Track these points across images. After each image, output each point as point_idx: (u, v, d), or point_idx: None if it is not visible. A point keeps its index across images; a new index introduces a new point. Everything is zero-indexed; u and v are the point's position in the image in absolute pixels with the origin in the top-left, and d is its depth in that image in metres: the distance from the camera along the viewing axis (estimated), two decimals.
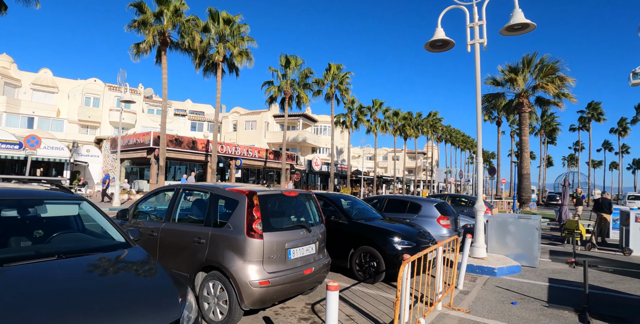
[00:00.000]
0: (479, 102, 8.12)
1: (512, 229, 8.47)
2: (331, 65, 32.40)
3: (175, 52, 23.20)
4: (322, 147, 49.87)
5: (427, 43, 8.61)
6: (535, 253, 8.30)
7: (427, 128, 52.79)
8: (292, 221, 4.86)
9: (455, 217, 9.04)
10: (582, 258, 9.71)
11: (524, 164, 22.57)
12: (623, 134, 55.78)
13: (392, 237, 6.17)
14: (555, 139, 65.80)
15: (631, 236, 10.69)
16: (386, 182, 60.63)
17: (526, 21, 7.60)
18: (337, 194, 7.78)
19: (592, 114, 46.71)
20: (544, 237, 13.59)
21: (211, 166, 24.94)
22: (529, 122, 23.49)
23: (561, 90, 21.58)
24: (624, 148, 73.57)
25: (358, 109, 38.85)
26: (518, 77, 21.75)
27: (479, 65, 8.20)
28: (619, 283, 7.19)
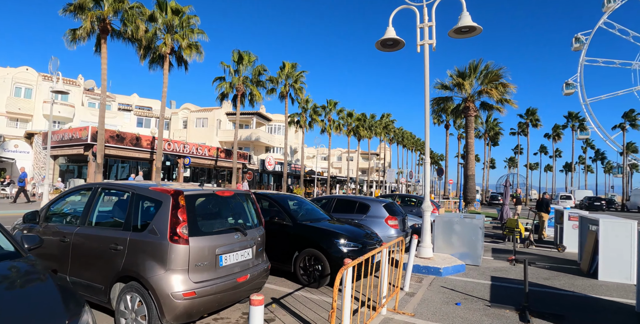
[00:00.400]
0: (427, 102, 8.12)
1: (458, 229, 8.56)
2: (285, 64, 31.97)
3: (117, 41, 21.62)
4: (276, 146, 49.20)
5: (378, 42, 8.50)
6: (479, 252, 8.44)
7: (380, 130, 53.87)
8: (226, 224, 4.40)
9: (403, 217, 9.00)
10: (521, 256, 10.08)
11: (470, 166, 23.55)
12: (557, 139, 60.43)
13: (337, 239, 5.89)
14: (498, 143, 70.04)
15: (565, 233, 11.30)
16: (340, 182, 61.11)
17: (473, 24, 7.68)
18: (283, 194, 7.40)
19: (530, 119, 50.09)
20: (487, 235, 14.09)
21: (156, 164, 23.54)
22: (474, 125, 24.58)
23: (503, 96, 22.78)
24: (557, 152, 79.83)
25: (312, 108, 38.71)
26: (465, 82, 22.68)
27: (428, 66, 8.20)
28: (555, 280, 7.45)
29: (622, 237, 7.36)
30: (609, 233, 7.43)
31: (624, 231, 7.38)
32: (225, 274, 3.97)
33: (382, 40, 8.45)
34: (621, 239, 7.37)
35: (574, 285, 7.05)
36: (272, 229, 6.38)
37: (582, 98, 64.23)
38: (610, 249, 7.43)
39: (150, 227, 3.78)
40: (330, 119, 41.70)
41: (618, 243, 7.38)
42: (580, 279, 7.54)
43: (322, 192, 49.78)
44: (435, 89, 24.08)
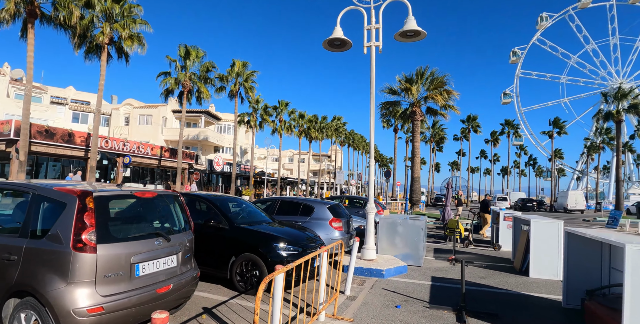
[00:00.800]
0: (373, 103, 8.11)
1: (401, 230, 8.61)
2: (236, 62, 31.11)
3: (48, 27, 19.71)
4: (225, 146, 47.80)
5: (325, 41, 8.37)
6: (421, 252, 8.55)
7: (331, 132, 54.29)
8: (146, 229, 3.94)
9: (348, 219, 8.91)
10: (460, 255, 10.40)
11: (415, 169, 24.32)
12: (495, 144, 64.51)
13: (276, 243, 5.60)
14: (442, 147, 73.50)
15: (500, 233, 11.87)
16: (291, 184, 60.76)
17: (417, 29, 7.78)
18: (220, 196, 6.99)
19: (472, 125, 53.06)
20: (430, 236, 14.50)
21: (91, 163, 21.76)
22: (420, 130, 25.43)
23: (447, 102, 23.82)
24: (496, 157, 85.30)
25: (263, 108, 38.04)
26: (412, 87, 23.40)
27: (374, 68, 8.19)
28: (490, 278, 7.70)
29: (550, 237, 7.79)
30: (539, 233, 7.82)
31: (552, 230, 7.80)
32: (143, 285, 3.54)
33: (330, 40, 8.32)
34: (549, 238, 7.79)
35: (507, 283, 7.31)
36: (207, 233, 5.95)
37: (518, 107, 69.46)
38: (540, 247, 7.83)
39: (51, 234, 3.26)
40: (282, 119, 41.29)
41: (547, 242, 7.79)
42: (514, 277, 7.86)
43: (272, 193, 49.14)
44: (384, 93, 24.69)
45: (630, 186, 66.68)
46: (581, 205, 42.91)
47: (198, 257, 5.83)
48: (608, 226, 25.30)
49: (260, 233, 5.80)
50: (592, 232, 5.21)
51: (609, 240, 4.45)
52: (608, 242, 4.51)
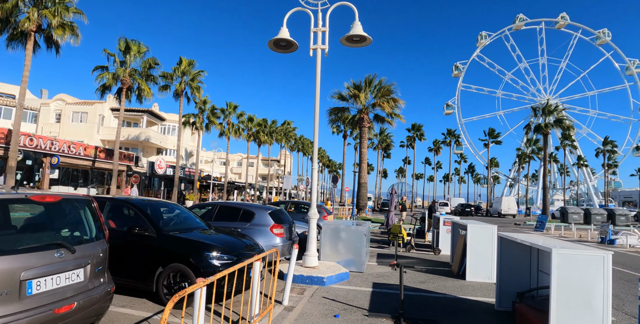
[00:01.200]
0: (317, 106, 7.97)
1: (344, 236, 8.50)
2: (182, 60, 29.76)
3: None
4: (169, 148, 45.52)
5: (271, 41, 8.12)
6: (363, 258, 8.49)
7: (280, 136, 53.87)
8: (43, 239, 3.39)
9: (290, 225, 8.64)
10: (402, 260, 10.53)
11: (362, 174, 24.68)
12: (437, 152, 67.80)
13: (209, 252, 5.19)
14: (390, 154, 75.87)
15: (440, 237, 12.21)
16: (238, 188, 59.28)
17: (363, 34, 7.79)
18: (149, 200, 6.41)
19: (416, 134, 55.32)
20: (375, 241, 14.63)
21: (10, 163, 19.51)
22: (368, 136, 25.95)
23: (394, 110, 24.54)
24: (438, 164, 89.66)
25: (210, 110, 36.71)
26: (360, 94, 23.81)
27: (320, 70, 8.07)
28: (430, 282, 7.80)
29: (485, 241, 8.06)
30: (475, 237, 8.08)
31: (487, 235, 8.09)
32: (37, 306, 3.01)
33: (275, 40, 8.09)
34: (484, 242, 8.06)
35: (445, 287, 7.44)
36: (131, 241, 5.39)
37: (459, 118, 73.71)
38: (476, 251, 8.08)
39: None
40: (230, 122, 40.16)
41: (482, 246, 8.06)
42: (451, 281, 8.03)
43: (219, 198, 47.53)
44: (334, 99, 24.88)
45: (554, 192, 73.06)
46: (513, 210, 46.16)
47: (120, 268, 5.27)
48: (536, 229, 27.38)
49: (191, 241, 5.34)
50: (522, 237, 5.39)
51: (537, 245, 4.58)
52: (536, 246, 4.65)
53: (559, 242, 5.11)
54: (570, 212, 36.62)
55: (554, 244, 4.57)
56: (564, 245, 4.57)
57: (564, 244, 4.86)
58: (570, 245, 4.67)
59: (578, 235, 22.76)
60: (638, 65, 71.01)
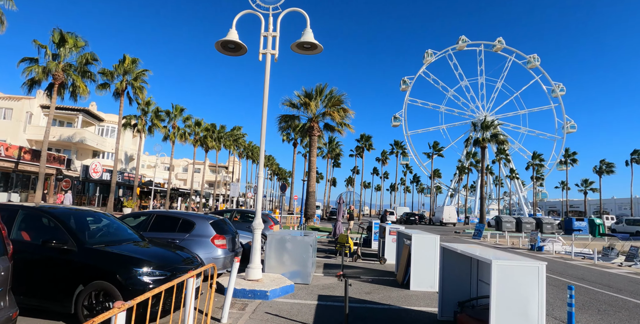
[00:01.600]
0: (265, 111, 7.73)
1: (290, 247, 8.25)
2: (126, 57, 28.01)
3: None
4: (107, 151, 42.49)
5: (218, 43, 7.78)
6: (309, 270, 8.28)
7: (229, 142, 52.53)
8: None
9: (233, 236, 8.23)
10: (349, 270, 10.46)
11: (311, 183, 24.59)
12: (385, 162, 69.85)
13: (138, 267, 4.69)
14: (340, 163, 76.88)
15: (386, 246, 12.35)
16: (183, 195, 56.72)
17: (314, 41, 7.72)
18: (71, 209, 5.74)
19: (365, 144, 56.63)
20: (322, 250, 14.50)
21: None
22: (317, 145, 26.02)
23: (344, 120, 24.86)
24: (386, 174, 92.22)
25: (154, 112, 34.83)
26: (312, 102, 23.87)
27: (269, 76, 7.86)
28: (375, 293, 7.75)
29: (428, 251, 8.21)
30: (419, 247, 8.20)
31: (430, 244, 8.25)
32: None
33: (223, 42, 7.76)
34: (428, 252, 8.21)
35: (390, 297, 7.43)
36: (47, 256, 4.75)
37: (405, 130, 76.79)
38: (420, 261, 8.20)
39: None
40: (176, 126, 38.36)
41: (425, 255, 8.19)
42: (396, 291, 8.06)
43: (161, 205, 45.05)
44: (284, 106, 24.68)
45: (490, 202, 78.10)
46: (454, 219, 48.57)
47: (33, 288, 4.62)
48: (474, 237, 28.92)
49: (118, 255, 4.81)
50: (463, 247, 5.49)
51: (477, 256, 4.65)
52: (476, 258, 4.73)
53: (497, 252, 5.27)
54: (504, 221, 39.21)
55: (493, 255, 4.67)
56: (501, 256, 4.70)
57: (501, 254, 5.01)
58: (508, 256, 4.81)
59: (511, 242, 24.34)
60: (562, 88, 78.83)
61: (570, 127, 76.68)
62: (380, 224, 13.82)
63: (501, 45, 79.65)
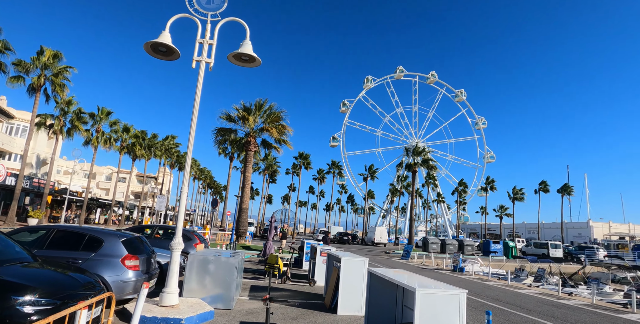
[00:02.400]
0: (195, 121, 7.26)
1: (212, 268, 7.66)
2: (46, 50, 25.34)
3: None
4: (15, 153, 37.79)
5: (148, 44, 7.24)
6: (232, 294, 7.73)
7: (161, 152, 49.62)
8: None
9: (149, 256, 7.46)
10: (277, 293, 10.01)
11: (245, 199, 23.77)
12: (322, 181, 70.52)
13: (19, 295, 3.92)
14: (276, 179, 76.14)
15: (316, 268, 12.10)
16: (103, 206, 51.91)
17: (252, 54, 7.53)
18: None
19: (303, 162, 56.84)
20: (251, 271, 13.84)
21: None
22: (254, 160, 25.43)
23: (282, 137, 24.63)
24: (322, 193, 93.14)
25: (76, 113, 31.65)
26: (250, 117, 23.36)
27: (201, 84, 7.45)
28: (301, 319, 7.41)
29: (357, 274, 8.11)
30: (348, 270, 8.07)
31: (358, 267, 8.16)
32: None
33: (153, 44, 7.23)
34: (356, 275, 8.10)
35: (317, 323, 7.13)
36: None
37: (343, 151, 78.73)
38: (348, 284, 8.05)
39: None
40: (100, 130, 35.28)
41: (354, 278, 8.07)
42: (323, 316, 7.78)
43: (75, 217, 40.68)
44: (221, 119, 23.86)
45: (418, 224, 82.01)
46: (384, 239, 49.97)
47: None
48: (402, 258, 29.84)
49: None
50: (390, 274, 5.43)
51: (403, 283, 4.60)
52: (402, 285, 4.67)
53: (422, 279, 5.29)
54: (430, 242, 41.15)
55: (417, 283, 4.66)
56: (426, 284, 4.71)
57: (426, 281, 5.03)
58: (432, 283, 4.83)
59: (436, 263, 25.46)
60: (484, 122, 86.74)
61: (490, 157, 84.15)
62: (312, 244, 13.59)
63: (434, 79, 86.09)
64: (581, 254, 41.43)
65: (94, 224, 43.54)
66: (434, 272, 20.11)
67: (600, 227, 72.78)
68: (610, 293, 16.47)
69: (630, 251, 44.65)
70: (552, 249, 42.45)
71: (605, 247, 47.09)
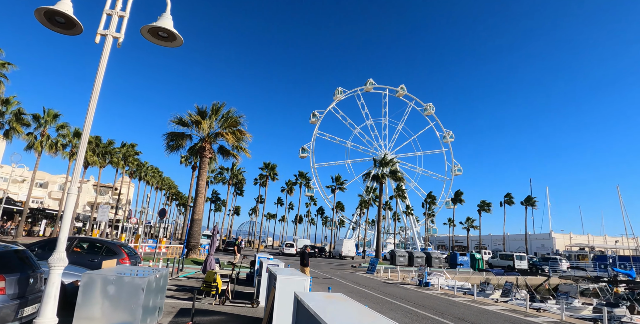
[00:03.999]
0: (93, 104, 5.80)
1: (112, 291, 6.12)
2: None
3: None
4: None
5: (40, 11, 5.79)
6: (138, 322, 6.19)
7: (118, 159, 46.66)
8: None
9: (27, 276, 5.85)
10: (208, 317, 8.49)
11: (197, 209, 21.90)
12: (290, 193, 68.85)
13: None
14: (243, 191, 73.74)
15: (262, 285, 10.63)
16: (51, 217, 47.97)
17: (172, 30, 6.24)
18: None
19: (270, 173, 55.10)
20: (188, 290, 12.20)
21: None
22: (211, 168, 23.67)
23: (241, 143, 23.05)
24: (291, 205, 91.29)
25: (15, 114, 28.81)
26: (204, 121, 21.66)
27: (105, 63, 6.03)
28: None
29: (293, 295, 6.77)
30: (285, 290, 6.73)
31: (299, 287, 6.83)
32: None
33: (48, 12, 5.80)
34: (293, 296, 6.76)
35: None
36: None
37: (312, 162, 77.61)
38: (284, 307, 6.69)
39: None
40: (46, 134, 32.40)
41: (290, 300, 6.72)
42: None
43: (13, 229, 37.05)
44: (172, 124, 22.01)
45: (387, 236, 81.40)
46: (352, 252, 48.66)
47: None
48: (368, 272, 28.60)
49: None
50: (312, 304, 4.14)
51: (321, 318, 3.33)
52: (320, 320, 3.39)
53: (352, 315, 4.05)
54: (397, 255, 40.25)
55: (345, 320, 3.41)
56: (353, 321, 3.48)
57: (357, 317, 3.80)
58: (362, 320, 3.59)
59: (402, 277, 24.39)
60: (452, 135, 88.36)
61: (457, 170, 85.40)
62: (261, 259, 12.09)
63: (403, 92, 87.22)
64: (545, 266, 41.72)
65: (37, 236, 39.88)
66: (398, 287, 18.97)
67: (562, 238, 74.75)
68: (579, 307, 15.83)
69: (590, 262, 45.55)
70: (518, 260, 42.55)
71: (567, 258, 47.86)
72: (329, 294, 4.78)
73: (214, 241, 12.62)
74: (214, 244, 12.56)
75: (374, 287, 18.34)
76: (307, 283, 6.81)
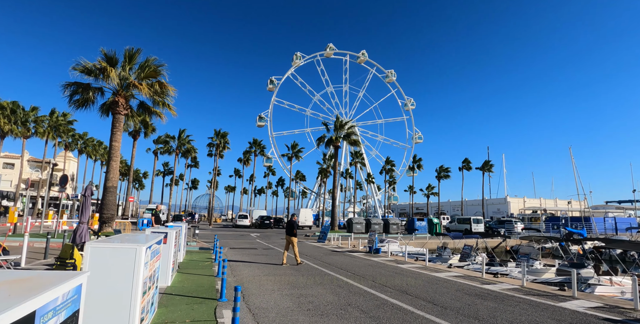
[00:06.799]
0: None
1: None
2: None
3: None
4: None
5: None
6: None
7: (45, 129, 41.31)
8: None
9: None
10: None
11: (110, 176, 18.46)
12: (247, 163, 65.55)
13: None
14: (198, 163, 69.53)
15: None
16: None
17: None
18: None
19: (221, 141, 51.25)
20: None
21: None
22: (123, 127, 19.83)
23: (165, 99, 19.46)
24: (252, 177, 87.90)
25: None
26: (113, 69, 17.64)
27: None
28: None
29: (118, 273, 4.15)
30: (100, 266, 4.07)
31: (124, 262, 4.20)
32: None
33: None
34: (117, 274, 4.15)
35: None
36: None
37: (270, 131, 74.01)
38: (98, 295, 4.08)
39: None
40: None
41: (109, 282, 4.11)
42: None
43: None
44: (76, 72, 17.90)
45: (349, 205, 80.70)
46: (310, 222, 47.03)
47: None
48: (319, 240, 26.78)
49: None
50: None
51: None
52: None
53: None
54: (354, 223, 38.89)
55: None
56: None
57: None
58: None
59: (352, 245, 22.63)
60: (413, 103, 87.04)
61: (418, 137, 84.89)
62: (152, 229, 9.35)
63: (364, 58, 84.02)
64: (501, 228, 41.95)
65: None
66: (345, 255, 16.98)
67: (516, 202, 77.15)
68: (540, 269, 14.46)
69: (542, 223, 46.58)
70: (475, 224, 42.50)
71: (521, 220, 48.68)
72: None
73: (88, 206, 9.71)
74: (87, 209, 9.66)
75: (317, 256, 16.22)
76: (139, 251, 4.17)
